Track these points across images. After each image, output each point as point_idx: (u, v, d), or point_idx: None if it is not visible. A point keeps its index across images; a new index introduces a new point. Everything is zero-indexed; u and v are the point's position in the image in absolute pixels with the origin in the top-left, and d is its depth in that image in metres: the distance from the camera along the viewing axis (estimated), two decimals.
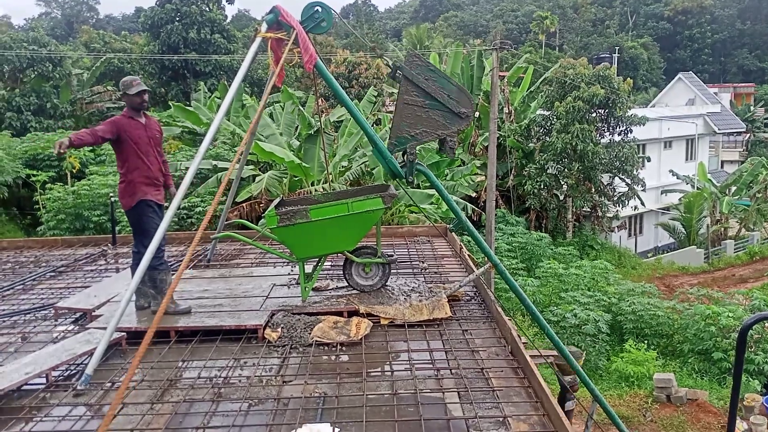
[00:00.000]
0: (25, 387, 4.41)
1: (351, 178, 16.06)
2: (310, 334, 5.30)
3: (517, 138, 24.80)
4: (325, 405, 4.14)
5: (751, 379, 13.28)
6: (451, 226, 5.85)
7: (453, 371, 4.60)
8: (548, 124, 24.16)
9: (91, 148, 21.53)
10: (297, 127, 17.97)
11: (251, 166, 16.94)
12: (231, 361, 4.88)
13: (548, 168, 23.64)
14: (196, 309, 5.76)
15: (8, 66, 27.62)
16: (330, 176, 15.36)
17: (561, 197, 24.86)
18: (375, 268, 6.16)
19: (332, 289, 6.39)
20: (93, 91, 31.23)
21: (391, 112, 26.20)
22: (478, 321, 5.68)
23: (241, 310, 5.77)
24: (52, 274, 7.65)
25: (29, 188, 19.43)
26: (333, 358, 4.94)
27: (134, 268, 5.66)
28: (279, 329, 5.38)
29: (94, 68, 32.10)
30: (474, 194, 20.80)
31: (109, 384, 4.48)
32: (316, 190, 14.74)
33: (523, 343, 5.04)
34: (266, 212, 5.81)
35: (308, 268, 6.19)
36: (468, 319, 5.72)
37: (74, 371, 4.75)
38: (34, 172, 18.65)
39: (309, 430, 3.77)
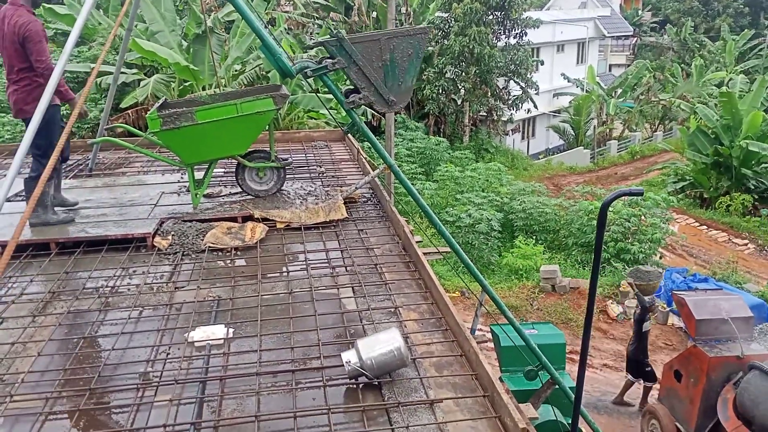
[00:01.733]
0: None
1: (245, 82, 15.39)
2: (202, 240, 5.19)
3: None
4: (219, 308, 4.13)
5: (627, 267, 14.58)
6: (346, 128, 5.76)
7: (348, 268, 4.70)
8: (446, 26, 23.99)
9: None
10: (182, 24, 16.78)
11: (134, 70, 15.82)
12: (118, 270, 4.72)
13: (446, 72, 23.71)
14: (79, 219, 5.46)
15: None
16: (222, 80, 14.66)
17: (459, 102, 25.18)
18: (269, 172, 6.03)
19: (225, 195, 6.24)
20: None
21: (287, 11, 25.02)
22: (374, 221, 5.77)
23: (128, 219, 5.53)
24: None
25: None
26: (227, 263, 4.89)
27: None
28: (169, 237, 5.23)
29: None
30: None
31: None
32: (207, 95, 14.05)
33: (417, 241, 5.19)
34: (148, 114, 5.45)
35: (198, 175, 5.97)
36: (364, 220, 5.79)
37: None
38: None
39: (203, 332, 3.76)
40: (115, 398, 3.19)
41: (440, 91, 23.66)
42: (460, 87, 24.36)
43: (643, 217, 15.17)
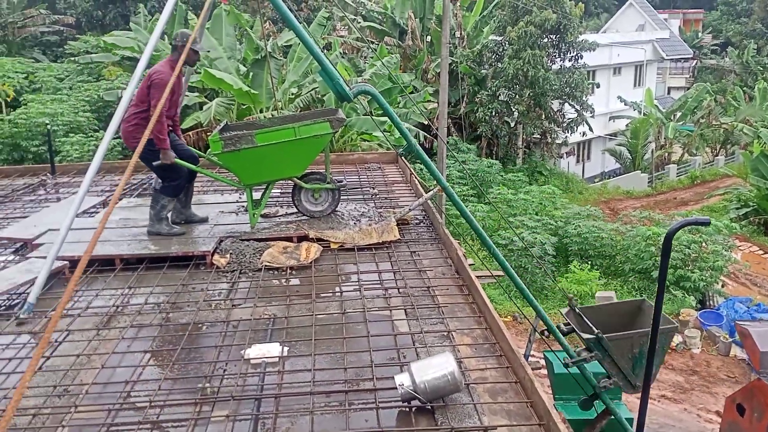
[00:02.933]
0: None
1: (301, 105, 15.72)
2: (259, 259, 5.30)
3: (469, 64, 24.58)
4: (275, 326, 4.20)
5: (687, 296, 14.06)
6: (401, 151, 5.81)
7: (400, 290, 4.71)
8: (500, 49, 23.97)
9: (25, 75, 20.42)
10: (241, 50, 17.30)
11: (196, 93, 16.38)
12: (179, 287, 4.86)
13: (500, 94, 23.63)
14: (141, 237, 5.67)
15: None
16: (279, 103, 15.02)
17: (512, 124, 25.01)
18: (324, 193, 6.12)
19: (282, 215, 6.36)
20: (25, 15, 29.32)
21: (342, 36, 25.51)
22: (426, 243, 5.77)
23: (188, 237, 5.71)
24: None
25: None
26: (283, 282, 4.98)
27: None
28: (228, 255, 5.36)
29: None
30: (426, 122, 20.72)
31: (52, 312, 4.42)
32: (264, 117, 14.41)
33: (470, 264, 5.17)
34: (210, 137, 5.66)
35: (256, 195, 6.12)
36: (416, 242, 5.81)
37: (16, 300, 4.66)
38: None
39: (258, 350, 3.83)
40: (174, 412, 3.27)
41: (493, 113, 23.58)
42: (513, 109, 24.22)
43: (704, 244, 14.65)
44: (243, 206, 6.70)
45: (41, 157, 14.46)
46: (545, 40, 23.37)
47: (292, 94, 16.30)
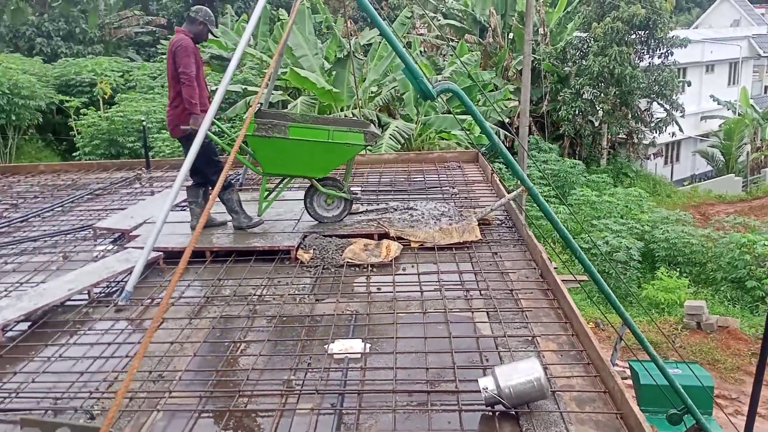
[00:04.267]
0: (68, 303, 4.59)
1: (380, 104, 15.83)
2: (341, 255, 5.37)
3: (552, 61, 23.99)
4: (357, 322, 4.24)
5: None
6: (484, 149, 5.74)
7: (482, 292, 4.65)
8: (585, 46, 23.25)
9: (120, 73, 21.55)
10: (323, 48, 17.57)
11: (280, 92, 16.79)
12: (265, 280, 4.99)
13: (584, 93, 22.93)
14: (231, 231, 5.86)
15: None
16: (359, 101, 15.17)
17: (596, 123, 24.22)
18: (338, 201, 6.03)
19: (362, 212, 6.42)
20: (120, 16, 30.94)
21: (421, 34, 25.48)
22: (509, 244, 5.67)
23: (273, 232, 5.85)
24: (90, 196, 7.83)
25: (63, 114, 19.64)
26: (364, 279, 5.02)
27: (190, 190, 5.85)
28: (311, 251, 5.46)
29: None
30: (507, 120, 20.39)
31: (148, 300, 4.65)
32: (345, 116, 14.60)
33: (554, 268, 5.04)
34: (245, 117, 5.69)
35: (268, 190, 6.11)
36: (498, 243, 5.72)
37: (114, 288, 4.92)
38: (67, 98, 18.78)
39: (341, 345, 3.88)
40: (261, 402, 3.36)
41: (576, 112, 22.91)
42: (598, 108, 23.46)
43: None
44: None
45: (136, 153, 15.22)
46: (633, 36, 22.49)
47: (372, 92, 16.43)
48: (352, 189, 6.41)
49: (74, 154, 17.10)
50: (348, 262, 5.28)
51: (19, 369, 3.79)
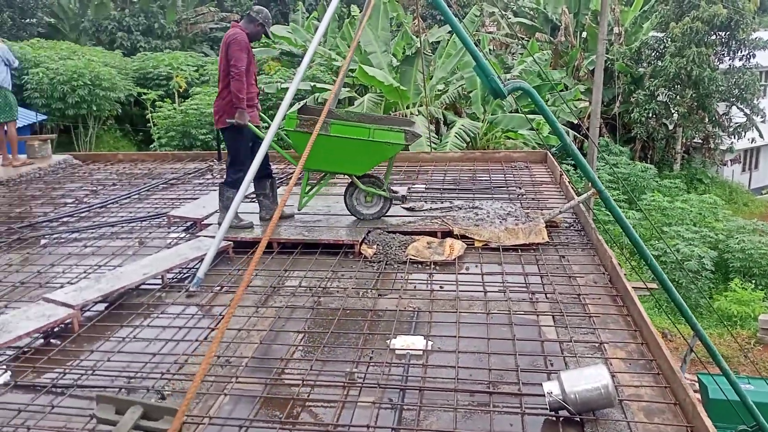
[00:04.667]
0: (143, 286, 4.79)
1: (447, 102, 15.77)
2: (404, 252, 5.38)
3: (626, 62, 23.26)
4: (419, 319, 4.24)
5: None
6: (555, 150, 5.63)
7: (548, 295, 4.56)
8: (661, 47, 22.42)
9: (195, 68, 22.26)
10: (391, 46, 17.63)
11: (347, 89, 16.95)
12: (329, 273, 5.06)
13: (658, 95, 22.14)
14: (298, 224, 5.96)
15: None
16: (427, 99, 15.15)
17: (670, 127, 23.34)
18: (377, 199, 6.03)
19: (427, 209, 6.41)
20: (196, 12, 31.97)
21: (490, 32, 25.19)
22: (577, 248, 5.54)
23: (338, 226, 5.92)
24: (164, 185, 8.13)
25: (140, 106, 20.48)
26: (426, 276, 5.01)
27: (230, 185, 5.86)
28: (374, 246, 5.49)
29: None
30: (576, 121, 19.92)
31: (217, 287, 4.79)
32: (411, 114, 14.62)
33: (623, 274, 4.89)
34: (288, 112, 5.75)
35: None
36: (566, 246, 5.60)
37: (186, 274, 5.10)
38: (145, 91, 19.57)
39: (403, 341, 3.89)
40: (324, 393, 3.41)
41: (650, 114, 22.14)
42: (673, 111, 22.59)
43: None
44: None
45: (207, 145, 15.71)
46: (713, 37, 21.53)
47: (439, 90, 16.38)
48: (393, 189, 6.43)
49: (151, 146, 17.79)
50: (411, 259, 5.28)
51: (95, 348, 3.98)
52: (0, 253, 5.81)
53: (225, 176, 5.96)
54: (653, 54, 22.78)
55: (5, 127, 9.06)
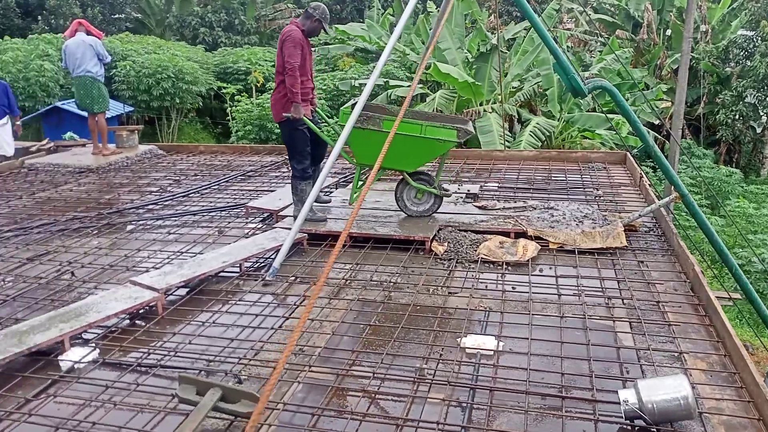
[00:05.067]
0: (222, 274, 4.98)
1: (522, 99, 15.51)
2: (475, 251, 5.35)
3: (712, 61, 22.17)
4: (489, 319, 4.21)
5: None
6: (636, 151, 5.45)
7: (625, 301, 4.44)
8: (751, 46, 21.22)
9: (272, 63, 22.79)
10: (465, 40, 17.48)
11: (420, 86, 16.93)
12: (399, 268, 5.10)
13: (746, 96, 20.97)
14: (369, 218, 6.03)
15: None
16: (499, 96, 14.95)
17: (758, 130, 22.10)
18: (427, 196, 6.01)
19: (499, 209, 6.35)
20: (275, 8, 32.72)
21: (568, 29, 24.57)
22: (656, 254, 5.36)
23: (409, 222, 5.95)
24: (242, 177, 8.39)
25: (219, 100, 21.17)
26: (498, 276, 4.97)
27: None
28: (445, 244, 5.49)
29: None
30: (657, 121, 19.18)
31: (292, 278, 4.92)
32: (485, 111, 14.47)
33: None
34: (342, 108, 5.83)
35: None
36: (645, 251, 5.42)
37: (263, 264, 5.26)
38: (224, 85, 20.21)
39: (474, 340, 3.88)
40: (394, 387, 3.45)
41: (737, 116, 21.03)
42: (762, 113, 21.38)
43: None
44: (461, 197, 6.80)
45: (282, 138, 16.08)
46: None
47: (514, 87, 16.13)
48: (444, 186, 6.41)
49: (230, 139, 18.36)
50: (482, 258, 5.25)
51: (177, 330, 4.16)
52: (90, 237, 6.16)
53: (291, 171, 6.13)
54: (742, 53, 21.61)
55: (96, 118, 9.58)
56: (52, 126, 15.16)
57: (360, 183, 6.09)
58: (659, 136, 18.09)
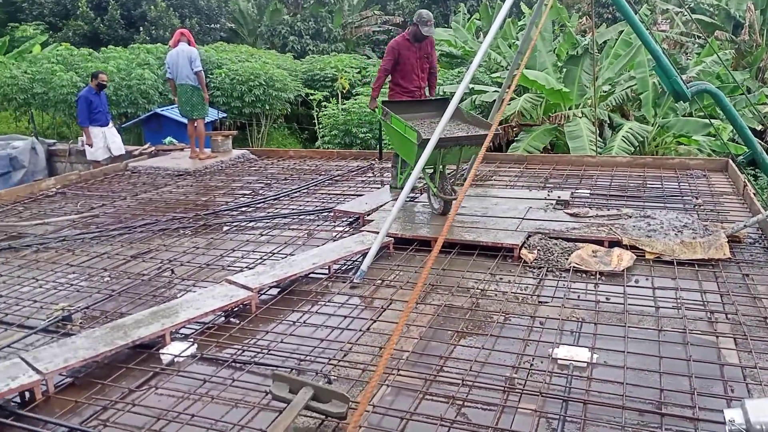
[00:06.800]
0: (311, 275, 5.09)
1: (613, 104, 14.99)
2: (567, 259, 5.21)
3: None
4: (582, 330, 4.08)
5: None
6: (742, 158, 5.15)
7: (729, 316, 4.19)
8: None
9: (358, 69, 23.15)
10: (554, 44, 17.09)
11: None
12: (487, 275, 5.03)
13: None
14: (456, 224, 5.99)
15: None
16: (589, 101, 14.51)
17: None
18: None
19: (592, 216, 6.15)
20: (361, 16, 33.22)
21: (663, 31, 23.53)
22: (763, 266, 5.03)
23: (497, 228, 5.87)
24: (330, 181, 8.56)
25: (306, 106, 21.70)
26: (591, 286, 4.81)
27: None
28: (535, 251, 5.38)
29: None
30: (760, 127, 18.02)
31: (378, 281, 4.96)
32: (574, 115, 14.09)
33: None
34: (383, 101, 6.50)
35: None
36: (750, 263, 5.10)
37: (350, 266, 5.33)
38: (311, 92, 20.70)
39: (566, 351, 3.77)
40: (483, 395, 3.40)
41: None
42: None
43: None
44: (551, 203, 6.65)
45: (366, 143, 16.27)
46: None
47: (604, 92, 15.61)
48: (554, 190, 6.71)
49: (316, 144, 18.77)
50: (574, 267, 5.10)
51: (270, 329, 4.28)
52: (188, 237, 6.45)
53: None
54: None
55: (195, 123, 10.05)
56: (152, 131, 16.03)
57: (402, 168, 6.84)
58: (762, 143, 16.97)
